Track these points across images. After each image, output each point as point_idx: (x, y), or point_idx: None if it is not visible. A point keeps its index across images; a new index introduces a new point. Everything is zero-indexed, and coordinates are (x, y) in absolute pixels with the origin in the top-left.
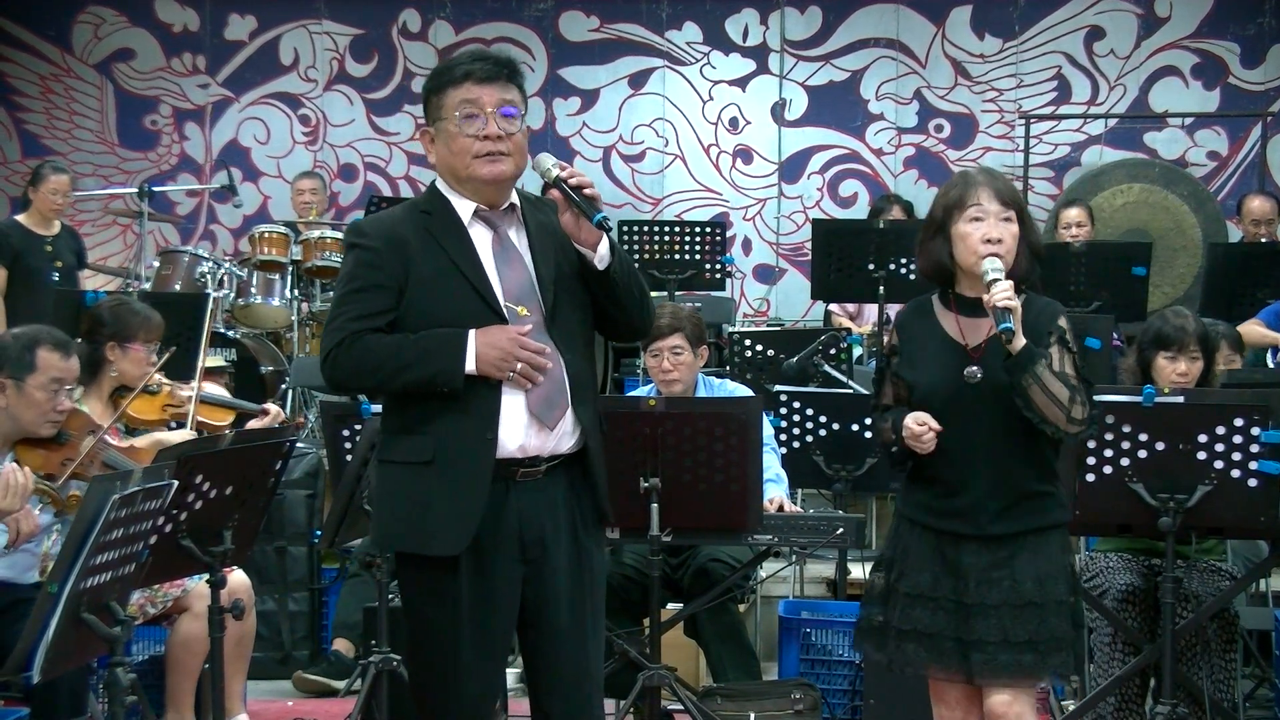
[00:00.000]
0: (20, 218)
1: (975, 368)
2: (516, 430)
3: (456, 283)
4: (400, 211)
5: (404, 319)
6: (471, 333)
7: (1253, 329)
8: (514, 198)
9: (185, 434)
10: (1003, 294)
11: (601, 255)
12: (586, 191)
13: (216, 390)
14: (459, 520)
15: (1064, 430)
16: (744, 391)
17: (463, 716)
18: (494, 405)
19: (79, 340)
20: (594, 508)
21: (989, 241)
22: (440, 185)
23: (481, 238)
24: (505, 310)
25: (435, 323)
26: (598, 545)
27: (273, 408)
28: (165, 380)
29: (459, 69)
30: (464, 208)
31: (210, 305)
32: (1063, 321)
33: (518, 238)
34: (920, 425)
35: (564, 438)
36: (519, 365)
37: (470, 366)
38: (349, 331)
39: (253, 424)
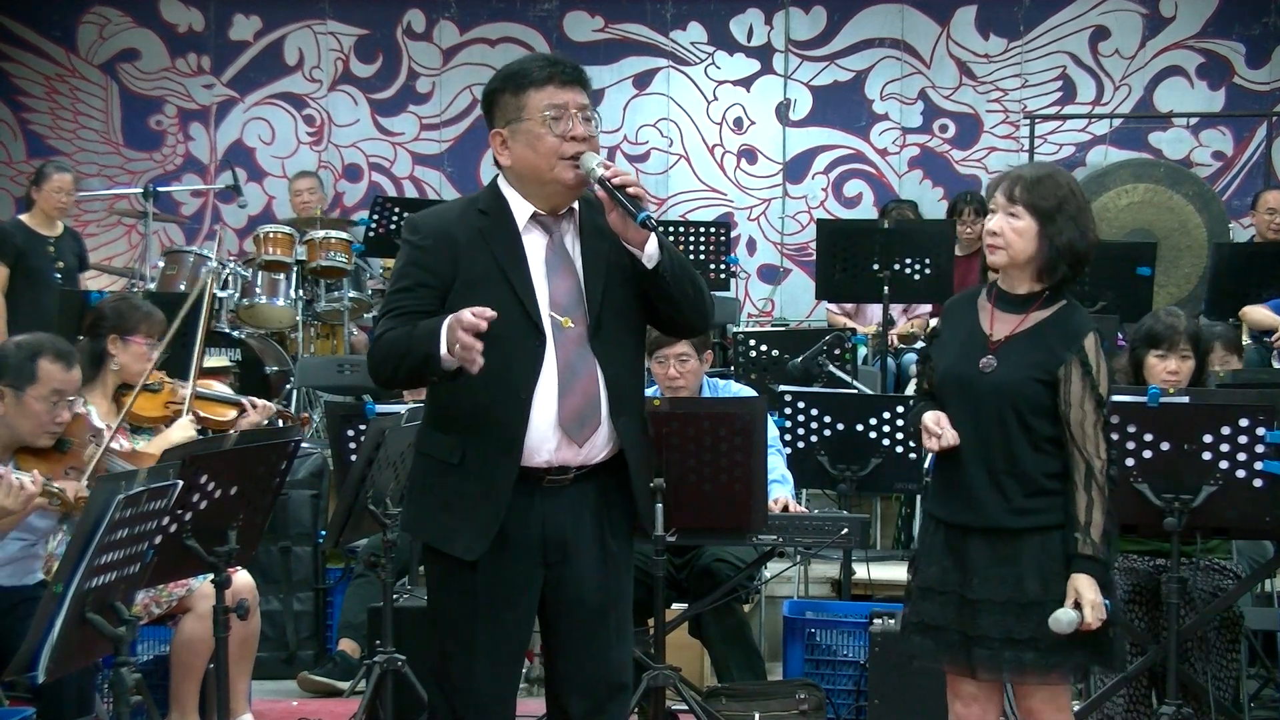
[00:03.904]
0: (23, 217)
1: (991, 357)
2: (545, 445)
3: (500, 289)
4: (457, 208)
5: None
6: (449, 317)
7: (1257, 310)
8: (574, 202)
9: (183, 426)
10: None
11: (650, 254)
12: (630, 190)
13: (218, 387)
14: (478, 528)
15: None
16: (747, 392)
17: (478, 710)
18: (521, 419)
19: (81, 337)
20: (624, 514)
21: (989, 233)
22: (502, 184)
23: (535, 243)
24: (549, 320)
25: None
26: (625, 553)
27: (260, 403)
28: (167, 379)
29: (539, 72)
30: (522, 211)
31: (206, 297)
32: (1089, 342)
33: (571, 244)
34: (936, 426)
35: (597, 450)
36: (455, 347)
37: (443, 350)
38: (382, 329)
39: (245, 421)
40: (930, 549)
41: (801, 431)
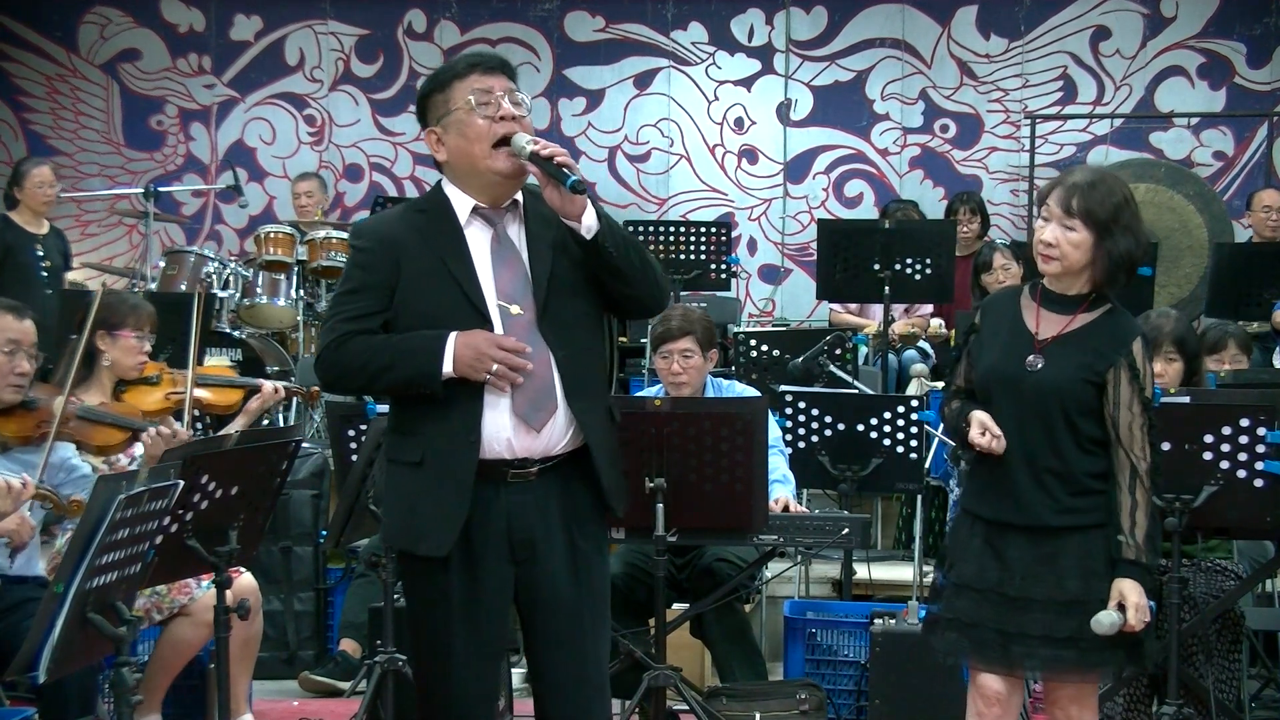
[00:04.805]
0: (11, 214)
1: (1035, 356)
2: (502, 433)
3: (444, 282)
4: (398, 211)
5: (395, 319)
6: (452, 335)
7: None
8: (517, 193)
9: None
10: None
11: (588, 225)
12: (558, 160)
13: (218, 373)
14: (444, 523)
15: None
16: (751, 393)
17: (458, 713)
18: (476, 409)
19: (74, 335)
20: (593, 507)
21: (1043, 243)
22: (444, 184)
23: (480, 236)
24: (498, 309)
25: (422, 322)
26: (597, 548)
27: (267, 385)
28: (168, 370)
29: (461, 64)
30: (463, 205)
31: (197, 302)
32: (1137, 346)
33: (516, 234)
34: (983, 436)
35: (557, 438)
36: (495, 366)
37: (448, 368)
38: (339, 333)
39: (256, 402)
40: (967, 546)
41: (802, 431)
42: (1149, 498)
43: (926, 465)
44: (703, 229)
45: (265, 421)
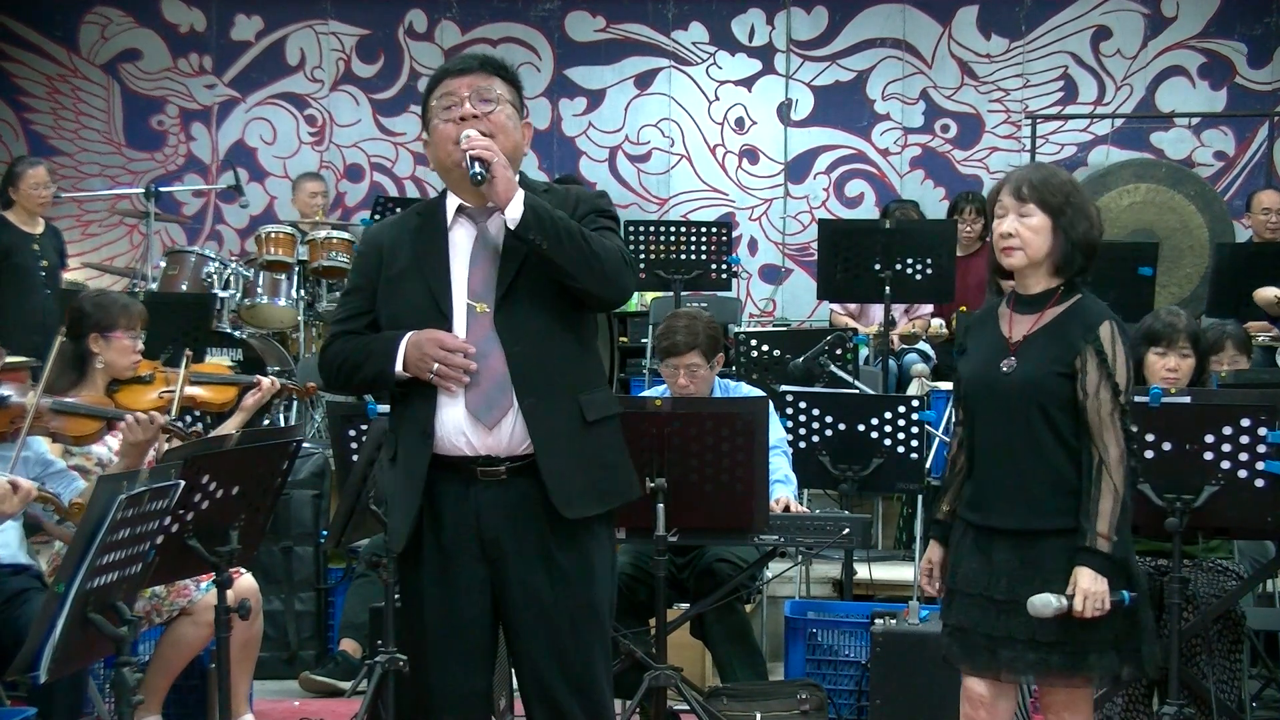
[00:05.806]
0: (7, 214)
1: (1011, 359)
2: (457, 431)
3: (415, 282)
4: (401, 215)
5: (377, 318)
6: (406, 335)
7: (1268, 289)
8: None
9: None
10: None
11: (510, 217)
12: (474, 153)
13: (213, 371)
14: (402, 519)
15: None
16: (757, 394)
17: (438, 711)
18: (430, 407)
19: (64, 339)
20: (571, 519)
21: (1002, 236)
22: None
23: (465, 235)
24: (465, 307)
25: (393, 321)
26: (578, 548)
27: (265, 381)
28: (161, 368)
29: (439, 71)
30: (452, 205)
31: (185, 361)
32: (1105, 330)
33: (497, 232)
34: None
35: (519, 436)
36: (435, 366)
37: (399, 368)
38: (330, 334)
39: (251, 399)
40: (958, 551)
41: (803, 432)
42: (1114, 486)
43: (927, 465)
44: (703, 229)
45: (266, 421)
